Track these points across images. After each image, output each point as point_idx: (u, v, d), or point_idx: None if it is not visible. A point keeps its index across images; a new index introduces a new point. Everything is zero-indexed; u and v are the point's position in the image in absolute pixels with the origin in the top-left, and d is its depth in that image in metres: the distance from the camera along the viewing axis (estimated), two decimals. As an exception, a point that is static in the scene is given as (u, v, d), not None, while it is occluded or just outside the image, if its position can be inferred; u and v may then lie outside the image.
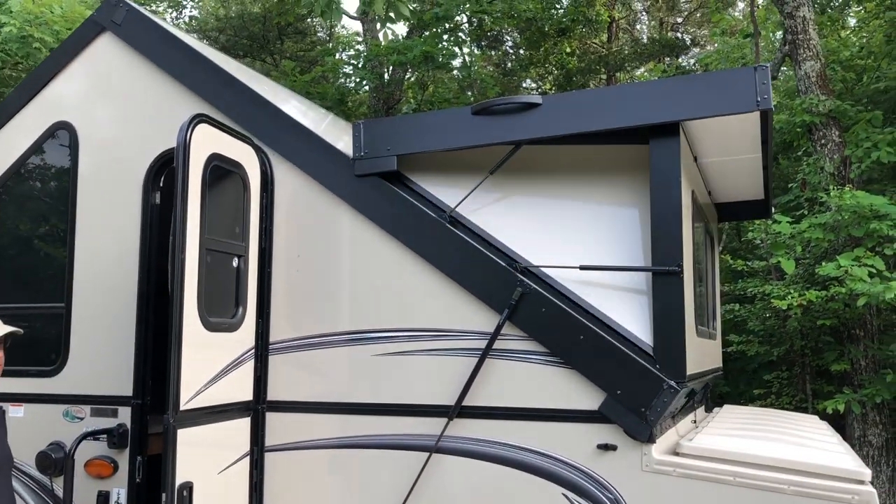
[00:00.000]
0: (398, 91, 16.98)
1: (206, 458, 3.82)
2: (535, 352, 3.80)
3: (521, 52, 23.61)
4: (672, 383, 3.57)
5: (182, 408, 3.59)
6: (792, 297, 7.94)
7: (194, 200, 3.71)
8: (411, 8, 6.89)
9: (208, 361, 3.82)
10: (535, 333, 3.79)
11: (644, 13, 26.94)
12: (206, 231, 3.79)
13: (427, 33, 15.71)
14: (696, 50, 24.43)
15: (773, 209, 6.26)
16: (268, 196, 4.35)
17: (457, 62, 17.99)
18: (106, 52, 4.89)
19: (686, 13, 25.69)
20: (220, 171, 3.97)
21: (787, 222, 8.10)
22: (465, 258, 3.94)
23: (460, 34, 18.66)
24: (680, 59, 23.22)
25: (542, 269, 3.89)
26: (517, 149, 3.98)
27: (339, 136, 4.85)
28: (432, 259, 4.01)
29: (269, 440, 4.24)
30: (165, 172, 4.65)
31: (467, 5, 15.69)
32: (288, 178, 4.38)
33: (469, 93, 20.88)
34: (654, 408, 3.56)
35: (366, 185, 4.18)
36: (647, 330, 3.71)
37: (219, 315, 3.94)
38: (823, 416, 7.84)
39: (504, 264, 3.87)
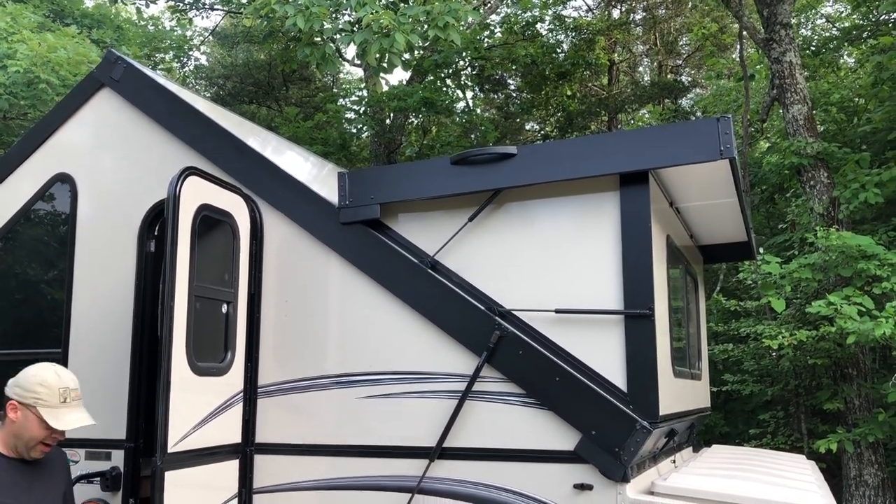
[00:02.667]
0: (400, 136, 17.27)
1: (195, 500, 3.92)
2: (513, 393, 3.92)
3: (524, 95, 23.98)
4: (644, 423, 3.67)
5: (170, 450, 3.70)
6: (783, 337, 8.02)
7: (184, 249, 3.87)
8: (404, 59, 7.12)
9: (196, 405, 3.95)
10: (513, 375, 3.91)
11: (645, 56, 27.33)
12: (196, 279, 3.94)
13: (428, 79, 16.02)
14: (696, 91, 24.75)
15: (759, 250, 6.39)
16: (257, 243, 4.51)
17: (460, 105, 18.33)
18: (105, 106, 5.11)
19: (685, 55, 26.06)
20: (210, 220, 4.14)
21: (777, 262, 8.22)
22: (446, 302, 4.08)
23: (464, 78, 19.03)
24: (680, 101, 23.55)
25: (519, 312, 4.02)
26: (494, 196, 4.14)
27: (333, 185, 5.04)
28: (414, 304, 4.15)
29: (258, 482, 4.35)
30: (160, 221, 4.82)
31: (466, 53, 16.02)
32: (277, 226, 4.54)
33: (472, 136, 21.19)
34: (628, 447, 3.66)
35: (351, 232, 4.34)
36: (622, 371, 3.82)
37: (208, 359, 4.07)
38: (818, 456, 7.89)
39: (483, 308, 4.01)
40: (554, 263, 4.04)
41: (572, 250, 4.02)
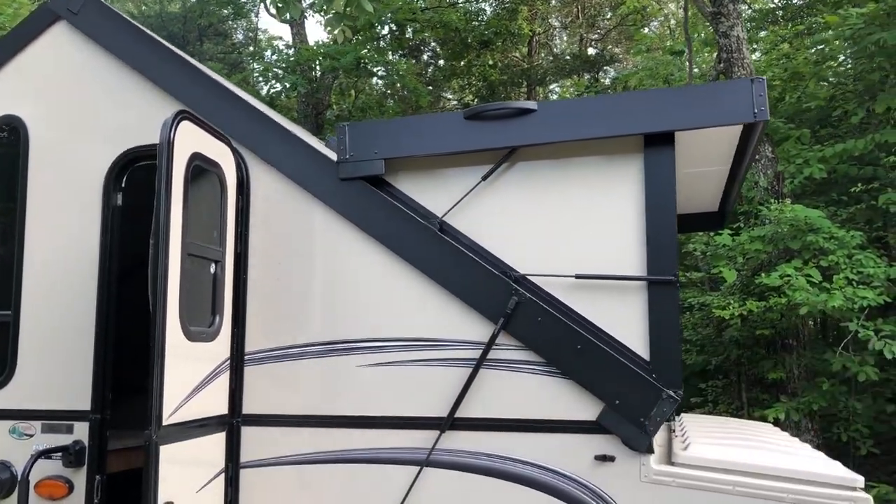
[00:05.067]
0: (327, 97, 16.75)
1: (185, 476, 3.58)
2: (531, 362, 3.73)
3: (441, 63, 23.75)
4: (671, 392, 3.55)
5: (164, 422, 3.35)
6: (733, 308, 8.15)
7: (177, 202, 3.48)
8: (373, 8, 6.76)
9: (189, 373, 3.60)
10: (531, 343, 3.72)
11: (564, 29, 27.43)
12: (188, 235, 3.57)
13: (358, 38, 15.55)
14: (617, 66, 25.04)
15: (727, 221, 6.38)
16: (244, 198, 4.15)
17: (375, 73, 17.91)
18: (61, 42, 4.58)
19: (605, 31, 26.30)
20: (200, 171, 3.75)
21: (728, 234, 8.32)
22: (458, 266, 3.84)
23: (383, 43, 18.62)
24: (599, 76, 23.76)
25: (536, 277, 3.82)
26: (510, 154, 3.91)
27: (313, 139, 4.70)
28: (422, 266, 3.89)
29: (245, 456, 4.02)
30: (129, 172, 4.38)
31: (400, 13, 15.62)
32: (265, 180, 4.18)
33: (391, 101, 20.78)
34: (654, 418, 3.54)
35: (351, 189, 4.04)
36: (644, 339, 3.69)
37: (197, 324, 3.71)
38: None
39: (498, 273, 3.79)
40: (573, 227, 3.85)
41: (593, 213, 3.84)
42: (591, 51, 25.61)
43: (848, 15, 8.72)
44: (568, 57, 25.15)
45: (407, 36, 20.27)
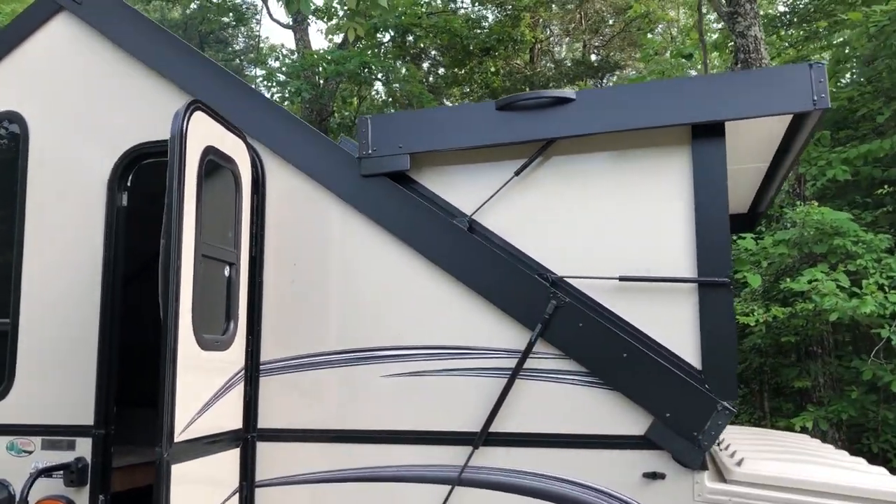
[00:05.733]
0: (331, 103, 16.50)
1: (198, 497, 3.29)
2: (572, 371, 3.45)
3: (443, 70, 23.59)
4: (726, 405, 3.27)
5: (177, 439, 3.06)
6: (757, 314, 7.86)
7: (190, 200, 3.20)
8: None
9: (202, 385, 3.31)
10: (572, 351, 3.44)
11: (567, 35, 27.25)
12: (202, 235, 3.29)
13: (361, 44, 15.33)
14: (620, 72, 24.83)
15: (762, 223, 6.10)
16: (258, 197, 3.87)
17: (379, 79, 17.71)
18: (64, 33, 4.31)
19: (608, 37, 26.12)
20: (213, 167, 3.47)
21: (752, 238, 8.05)
22: (490, 268, 3.56)
23: (383, 49, 18.41)
24: (605, 82, 23.54)
25: (575, 280, 3.54)
26: (546, 147, 3.64)
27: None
28: (452, 268, 3.61)
29: (261, 474, 3.73)
30: (135, 170, 4.10)
31: (405, 17, 15.39)
32: (282, 177, 3.91)
33: (391, 110, 20.51)
34: (708, 431, 3.26)
35: (374, 186, 3.76)
36: (695, 346, 3.41)
37: (211, 331, 3.43)
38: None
39: (534, 275, 3.51)
40: (615, 225, 3.57)
41: (637, 210, 3.56)
42: (593, 57, 25.44)
43: (872, 12, 8.48)
44: (570, 63, 24.99)
45: (407, 44, 20.08)
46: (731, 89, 3.44)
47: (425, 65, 23.85)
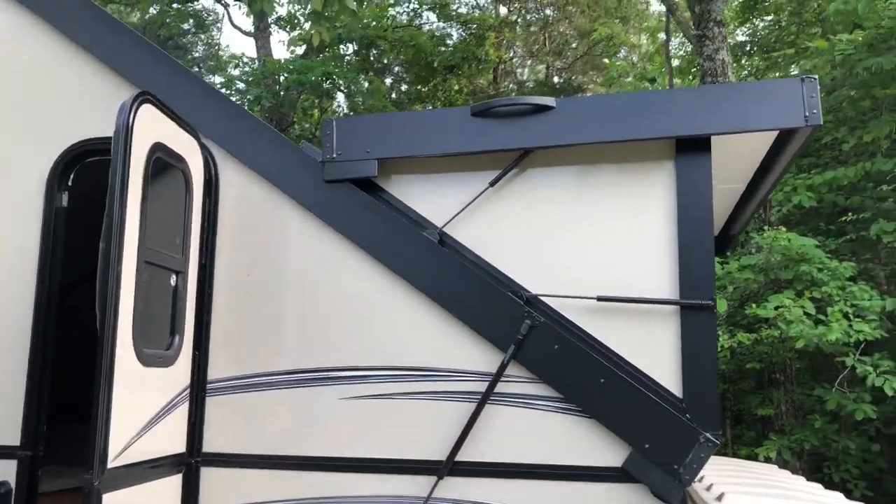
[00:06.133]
0: (291, 113, 16.18)
1: (132, 531, 2.97)
2: (546, 397, 3.21)
3: (406, 87, 23.48)
4: (709, 436, 3.06)
5: (110, 465, 2.74)
6: (723, 339, 7.74)
7: (135, 200, 2.91)
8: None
9: (141, 404, 3.00)
10: (546, 375, 3.21)
11: (531, 58, 27.34)
12: (146, 240, 2.99)
13: (326, 55, 15.07)
14: (581, 94, 24.92)
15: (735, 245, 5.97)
16: (211, 200, 3.58)
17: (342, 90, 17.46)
18: (1, 19, 3.98)
19: (571, 60, 26.26)
20: (162, 165, 3.18)
21: (718, 263, 7.94)
22: (460, 284, 3.32)
23: (346, 62, 18.19)
24: (567, 105, 23.56)
25: (553, 298, 3.32)
26: (523, 158, 3.42)
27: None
28: (420, 284, 3.36)
29: (205, 503, 3.42)
30: (77, 168, 3.78)
31: (371, 29, 15.18)
32: (236, 180, 3.63)
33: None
34: (690, 465, 3.05)
35: (338, 192, 3.50)
36: (675, 373, 3.20)
37: (153, 346, 3.12)
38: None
39: (508, 292, 3.28)
40: (594, 242, 3.36)
41: (617, 227, 3.36)
42: (556, 79, 25.54)
43: (837, 41, 8.49)
44: (532, 85, 25.07)
45: (371, 58, 19.90)
46: (719, 102, 3.26)
47: (388, 80, 23.69)
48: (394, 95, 24.38)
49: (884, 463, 8.17)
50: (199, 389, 3.45)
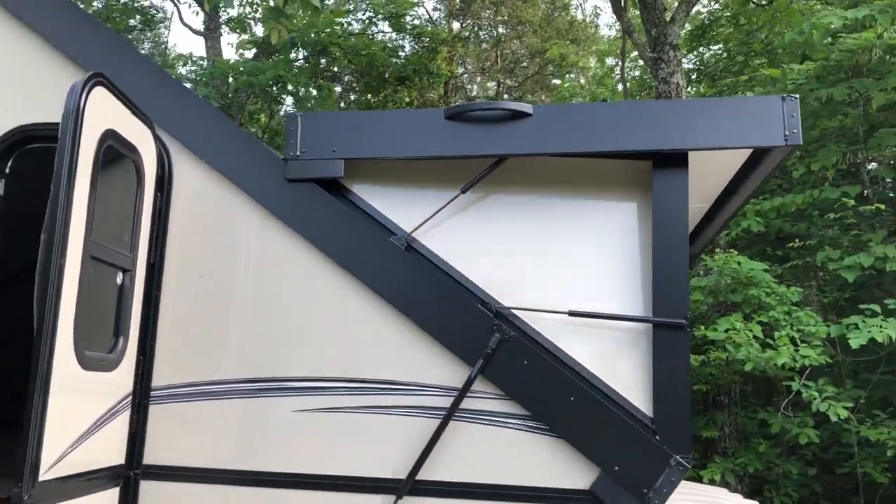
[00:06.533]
0: (239, 116, 15.83)
1: (62, 549, 2.72)
2: (513, 414, 3.08)
3: (355, 96, 23.30)
4: (680, 459, 2.97)
5: (41, 477, 2.50)
6: (671, 360, 7.73)
7: (82, 189, 2.68)
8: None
9: (79, 411, 2.76)
10: (514, 391, 3.07)
11: (482, 74, 27.45)
12: (93, 233, 2.77)
13: (275, 58, 14.80)
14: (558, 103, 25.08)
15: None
16: (163, 195, 3.36)
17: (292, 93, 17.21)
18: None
19: (522, 79, 26.44)
20: (113, 155, 2.96)
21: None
22: (428, 293, 3.17)
23: (295, 70, 17.95)
24: (515, 122, 23.68)
25: (523, 312, 3.19)
26: (497, 164, 3.29)
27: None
28: (384, 291, 3.20)
29: (143, 520, 3.18)
30: (16, 155, 3.51)
31: (323, 35, 14.97)
32: (191, 175, 3.41)
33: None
34: (660, 489, 2.95)
35: (300, 192, 3.31)
36: (647, 392, 3.10)
37: (94, 348, 2.88)
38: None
39: (478, 305, 3.14)
40: (567, 255, 3.26)
41: (591, 240, 3.26)
42: (506, 97, 25.67)
43: (790, 70, 8.65)
44: (483, 99, 25.16)
45: (321, 65, 19.67)
46: (697, 118, 3.18)
47: (338, 88, 23.45)
48: (342, 105, 24.17)
49: (819, 486, 8.29)
50: (142, 396, 3.21)
